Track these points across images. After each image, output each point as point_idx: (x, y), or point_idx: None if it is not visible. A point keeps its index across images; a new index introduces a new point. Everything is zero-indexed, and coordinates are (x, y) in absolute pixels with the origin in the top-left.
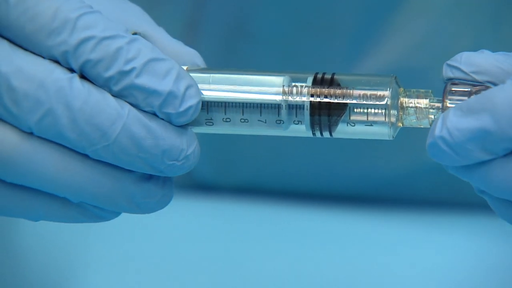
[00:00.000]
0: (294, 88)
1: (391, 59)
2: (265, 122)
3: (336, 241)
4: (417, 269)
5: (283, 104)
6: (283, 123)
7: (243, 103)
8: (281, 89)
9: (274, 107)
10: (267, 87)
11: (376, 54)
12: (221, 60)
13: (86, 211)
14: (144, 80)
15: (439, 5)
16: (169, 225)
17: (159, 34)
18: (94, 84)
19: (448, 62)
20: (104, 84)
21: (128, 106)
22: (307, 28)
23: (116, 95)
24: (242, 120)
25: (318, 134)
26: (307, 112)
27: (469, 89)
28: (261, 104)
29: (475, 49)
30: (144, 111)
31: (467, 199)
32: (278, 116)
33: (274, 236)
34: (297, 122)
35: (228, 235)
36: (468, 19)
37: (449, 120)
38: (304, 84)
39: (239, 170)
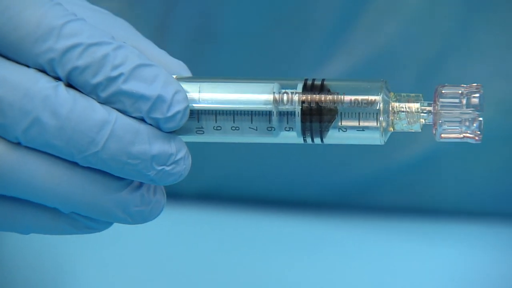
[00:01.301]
0: (285, 95)
1: (360, 61)
2: (256, 130)
3: (304, 247)
4: (388, 275)
5: (274, 111)
6: (274, 130)
7: (233, 111)
8: (271, 96)
9: (265, 114)
10: (257, 95)
11: (345, 56)
12: (190, 63)
13: (77, 222)
14: (131, 86)
15: (407, 8)
16: (136, 232)
17: (146, 45)
18: (81, 91)
19: None
20: (91, 91)
21: (115, 112)
22: (275, 30)
23: (104, 101)
24: (233, 128)
25: (309, 140)
26: (298, 119)
27: (461, 91)
28: (252, 111)
29: (443, 52)
30: (132, 117)
31: (437, 205)
32: (269, 123)
33: (241, 242)
34: (288, 129)
35: (195, 241)
36: (437, 22)
37: None
38: (294, 91)
39: (205, 176)
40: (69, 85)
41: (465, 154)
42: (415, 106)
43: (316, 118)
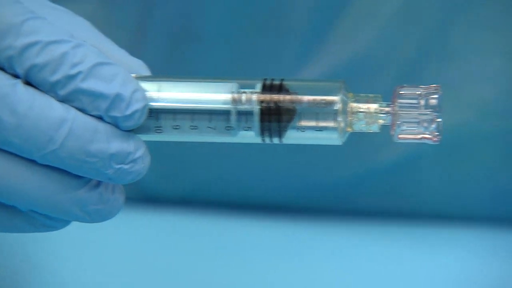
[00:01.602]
0: (244, 95)
1: (338, 63)
2: (215, 129)
3: (284, 251)
4: (369, 279)
5: (233, 111)
6: (232, 129)
7: (192, 110)
8: (230, 96)
9: (224, 114)
10: (216, 94)
11: (324, 59)
12: (169, 65)
13: (35, 220)
14: (90, 84)
15: (385, 11)
16: (116, 236)
17: (106, 44)
18: (40, 89)
19: None
20: (50, 89)
21: (74, 110)
22: (254, 32)
23: (62, 99)
24: (192, 127)
25: (267, 140)
26: (256, 119)
27: (419, 92)
28: (210, 111)
29: (421, 55)
30: (91, 115)
31: (417, 208)
32: (228, 123)
33: (221, 247)
34: (246, 129)
35: (175, 246)
36: (415, 25)
37: None
38: (253, 91)
39: (184, 180)
40: (28, 83)
41: (444, 157)
42: (373, 106)
43: (274, 118)
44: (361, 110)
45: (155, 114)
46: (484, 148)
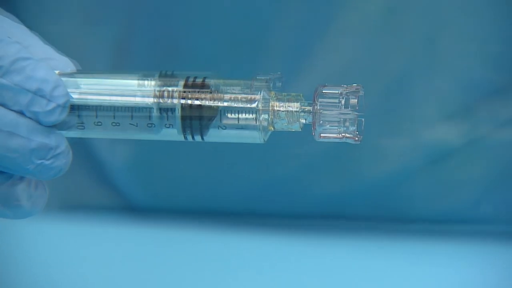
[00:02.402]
0: (165, 92)
1: (324, 77)
2: (137, 126)
3: (267, 260)
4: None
5: (154, 108)
6: (154, 126)
7: (114, 107)
8: (152, 93)
9: (146, 111)
10: (138, 91)
11: (310, 72)
12: None
13: None
14: (10, 79)
15: (369, 24)
16: (101, 245)
17: (32, 40)
18: None
19: None
20: None
21: None
22: (239, 47)
23: None
24: (114, 124)
25: (189, 138)
26: (178, 116)
27: (339, 91)
28: (132, 108)
29: (407, 68)
30: (12, 110)
31: (403, 217)
32: (150, 120)
33: (204, 255)
34: (168, 126)
35: (159, 254)
36: (400, 39)
37: None
38: (175, 88)
39: (169, 192)
40: None
41: (433, 167)
42: (295, 105)
43: (196, 115)
44: (283, 109)
45: (77, 110)
46: (474, 158)
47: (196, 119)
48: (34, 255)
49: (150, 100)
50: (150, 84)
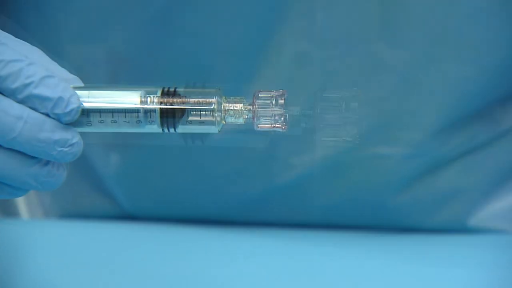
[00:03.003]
0: (148, 98)
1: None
2: (129, 122)
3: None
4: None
5: (141, 110)
6: (141, 123)
7: (112, 109)
8: (139, 99)
9: (135, 111)
10: (129, 98)
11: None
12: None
13: (2, 189)
14: (40, 90)
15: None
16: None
17: (52, 64)
18: (4, 94)
19: None
20: (11, 94)
21: (28, 109)
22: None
23: (20, 101)
24: (112, 121)
25: (166, 130)
26: (157, 115)
27: (271, 94)
28: (125, 110)
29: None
30: (41, 113)
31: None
32: (137, 118)
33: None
34: (151, 122)
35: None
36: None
37: None
38: (155, 95)
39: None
40: None
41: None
42: (239, 105)
43: (170, 114)
44: (231, 108)
45: (86, 112)
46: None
47: (171, 117)
48: (33, 261)
49: (138, 104)
50: (138, 93)
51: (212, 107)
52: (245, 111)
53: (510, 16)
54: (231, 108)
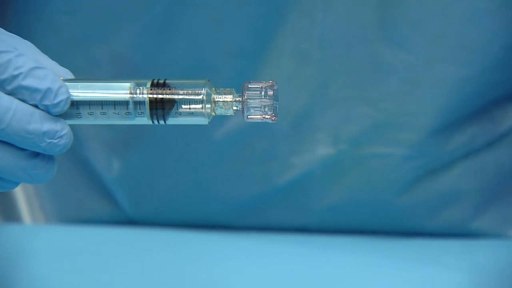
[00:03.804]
0: (138, 89)
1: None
2: (118, 114)
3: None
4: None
5: (130, 101)
6: (130, 114)
7: (102, 100)
8: (128, 91)
9: (124, 103)
10: (119, 90)
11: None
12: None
13: None
14: (28, 82)
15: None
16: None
17: (42, 56)
18: None
19: None
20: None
21: (16, 101)
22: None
23: (8, 93)
24: (102, 113)
25: (155, 122)
26: (147, 106)
27: (260, 85)
28: (114, 101)
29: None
30: (29, 104)
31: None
32: (127, 109)
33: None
34: (140, 114)
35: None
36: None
37: None
38: (144, 87)
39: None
40: None
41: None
42: (229, 97)
43: (159, 106)
44: (220, 100)
45: (76, 104)
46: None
47: (160, 109)
48: (35, 266)
49: (127, 95)
50: (127, 85)
51: (201, 97)
52: (234, 102)
53: (508, 17)
54: (220, 99)
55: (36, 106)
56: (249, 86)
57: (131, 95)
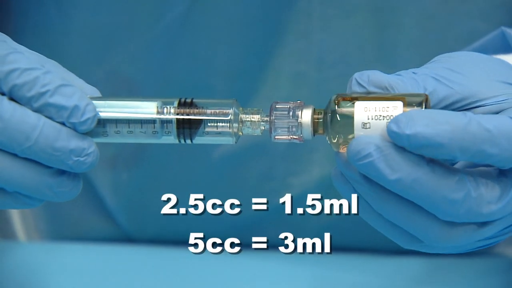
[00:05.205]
0: (165, 108)
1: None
2: (145, 133)
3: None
4: None
5: (157, 120)
6: (157, 133)
7: (129, 119)
8: (155, 110)
9: (151, 122)
10: (146, 108)
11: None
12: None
13: (18, 199)
14: (55, 99)
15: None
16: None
17: (69, 74)
18: (19, 103)
19: (357, 79)
20: (27, 102)
21: (44, 118)
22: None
23: (36, 110)
24: (128, 132)
25: (182, 141)
26: (174, 126)
27: (288, 106)
28: (141, 120)
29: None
30: (56, 121)
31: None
32: (154, 128)
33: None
34: (167, 133)
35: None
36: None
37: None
38: (171, 106)
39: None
40: (11, 98)
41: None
42: (256, 117)
43: (186, 125)
44: (248, 119)
45: (102, 122)
46: None
47: (187, 128)
48: (31, 284)
49: (154, 114)
50: (154, 104)
51: (229, 117)
52: (262, 122)
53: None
54: (248, 119)
55: (63, 124)
56: (276, 106)
57: (158, 114)
